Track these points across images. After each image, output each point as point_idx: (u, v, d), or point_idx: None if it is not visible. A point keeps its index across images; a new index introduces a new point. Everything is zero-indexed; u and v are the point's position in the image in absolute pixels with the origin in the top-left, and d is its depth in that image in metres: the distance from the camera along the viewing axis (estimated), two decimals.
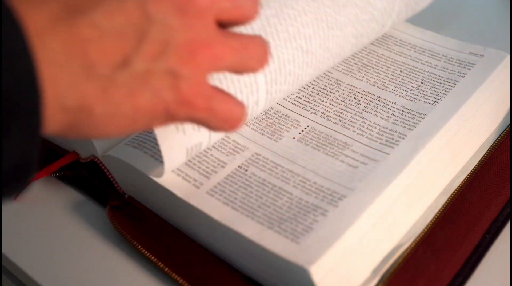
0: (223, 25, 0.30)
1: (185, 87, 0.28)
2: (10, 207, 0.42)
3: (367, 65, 0.48)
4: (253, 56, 0.30)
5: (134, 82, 0.26)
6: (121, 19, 0.26)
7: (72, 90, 0.25)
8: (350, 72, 0.47)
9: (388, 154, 0.39)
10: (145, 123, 0.28)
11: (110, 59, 0.25)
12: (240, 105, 0.31)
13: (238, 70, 0.31)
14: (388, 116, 0.43)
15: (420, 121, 0.42)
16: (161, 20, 0.27)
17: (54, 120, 0.25)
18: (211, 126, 0.30)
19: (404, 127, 0.41)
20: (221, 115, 0.30)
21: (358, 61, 0.48)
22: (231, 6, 0.29)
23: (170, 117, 0.29)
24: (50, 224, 0.41)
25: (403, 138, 0.40)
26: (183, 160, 0.38)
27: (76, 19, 0.25)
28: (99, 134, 0.28)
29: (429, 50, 0.49)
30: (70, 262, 0.39)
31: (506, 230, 0.39)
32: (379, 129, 0.41)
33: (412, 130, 0.41)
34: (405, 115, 0.42)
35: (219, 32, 0.29)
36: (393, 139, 0.40)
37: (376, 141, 0.40)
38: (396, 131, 0.41)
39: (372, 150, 0.40)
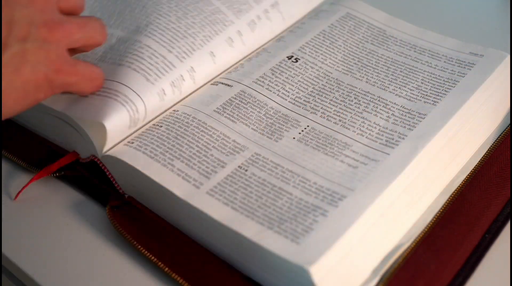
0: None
1: (54, 57, 0.36)
2: (10, 207, 0.42)
3: (367, 65, 0.48)
4: (96, 30, 0.39)
5: (16, 60, 0.34)
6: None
7: None
8: (350, 72, 0.47)
9: (388, 154, 0.39)
10: (35, 94, 0.36)
11: None
12: (98, 67, 0.41)
13: (87, 43, 0.39)
14: (388, 116, 0.43)
15: (420, 121, 0.42)
16: (20, 8, 0.35)
17: None
18: (81, 87, 0.40)
19: (404, 127, 0.41)
20: (86, 76, 0.39)
21: (358, 61, 0.48)
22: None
23: (52, 86, 0.37)
24: (50, 224, 0.41)
25: (403, 138, 0.40)
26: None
27: None
28: (6, 111, 0.35)
29: (429, 50, 0.49)
30: (70, 262, 0.39)
31: (506, 230, 0.39)
32: (379, 129, 0.41)
33: (412, 130, 0.41)
34: (405, 115, 0.42)
35: (64, 16, 0.38)
36: (393, 139, 0.40)
37: (376, 141, 0.40)
38: (396, 131, 0.41)
39: (372, 150, 0.40)
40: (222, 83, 0.46)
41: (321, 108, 0.44)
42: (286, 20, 0.53)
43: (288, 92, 0.45)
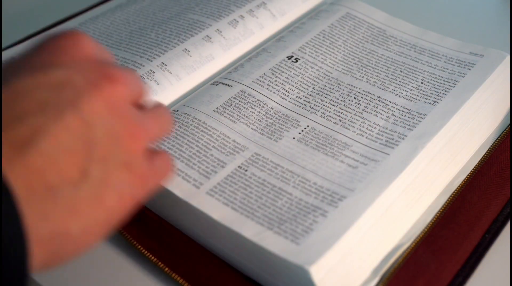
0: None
1: (142, 170, 0.29)
2: None
3: (367, 65, 0.48)
4: (167, 123, 0.33)
5: (98, 188, 0.26)
6: (65, 136, 0.25)
7: (43, 221, 0.25)
8: (350, 72, 0.47)
9: (388, 154, 0.39)
10: (120, 217, 0.28)
11: (68, 176, 0.25)
12: (168, 155, 0.33)
13: (161, 137, 0.32)
14: (388, 116, 0.43)
15: (420, 121, 0.42)
16: (99, 121, 0.27)
17: (35, 257, 0.25)
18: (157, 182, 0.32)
19: (404, 127, 0.41)
20: (163, 172, 0.32)
21: (358, 61, 0.48)
22: (140, 88, 0.31)
23: (138, 200, 0.29)
24: None
25: (403, 138, 0.40)
26: None
27: (24, 154, 0.24)
28: (84, 248, 0.27)
29: (429, 50, 0.49)
30: (69, 262, 0.39)
31: (506, 230, 0.39)
32: (379, 129, 0.41)
33: (412, 130, 0.41)
34: (405, 115, 0.42)
35: (140, 113, 0.30)
36: (393, 139, 0.40)
37: (376, 142, 0.40)
38: (396, 131, 0.41)
39: (372, 151, 0.40)
40: (222, 83, 0.46)
41: (321, 108, 0.44)
42: (277, 17, 0.54)
43: (288, 92, 0.45)
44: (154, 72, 0.46)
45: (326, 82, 0.46)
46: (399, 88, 0.45)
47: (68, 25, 0.55)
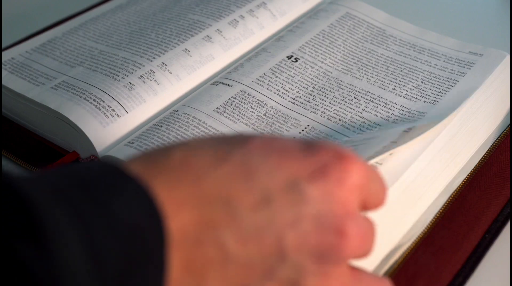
0: None
1: None
2: None
3: (367, 65, 0.48)
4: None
5: None
6: (253, 249, 0.23)
7: None
8: (350, 71, 0.47)
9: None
10: None
11: None
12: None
13: None
14: (388, 116, 0.43)
15: (420, 120, 0.42)
16: (295, 261, 0.23)
17: None
18: None
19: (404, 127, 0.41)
20: None
21: (358, 61, 0.48)
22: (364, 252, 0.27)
23: None
24: None
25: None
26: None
27: (206, 234, 0.22)
28: None
29: (429, 50, 0.49)
30: None
31: (506, 230, 0.39)
32: (379, 129, 0.41)
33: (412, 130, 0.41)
34: (405, 115, 0.42)
35: (352, 279, 0.26)
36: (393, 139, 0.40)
37: None
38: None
39: None
40: (222, 83, 0.46)
41: (321, 107, 0.44)
42: (277, 17, 0.54)
43: (288, 91, 0.45)
44: (154, 72, 0.46)
45: (326, 81, 0.46)
46: (399, 87, 0.45)
47: (69, 25, 0.55)
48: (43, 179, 0.21)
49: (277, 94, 0.45)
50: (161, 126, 0.42)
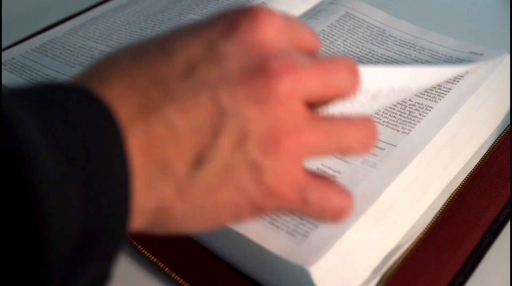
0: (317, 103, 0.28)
1: (270, 179, 0.26)
2: None
3: (367, 65, 0.48)
4: (354, 140, 0.28)
5: (213, 178, 0.25)
6: (195, 115, 0.24)
7: (150, 193, 0.24)
8: None
9: (388, 154, 0.39)
10: (231, 218, 0.27)
11: (185, 157, 0.24)
12: (344, 194, 0.28)
13: (340, 153, 0.28)
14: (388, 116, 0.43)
15: (420, 121, 0.42)
16: (236, 112, 0.25)
17: (133, 223, 0.25)
18: (308, 216, 0.28)
19: (404, 127, 0.41)
20: (316, 207, 0.27)
21: (358, 61, 0.48)
22: (321, 87, 0.27)
23: (258, 210, 0.27)
24: None
25: (403, 138, 0.40)
26: None
27: (150, 117, 0.24)
28: (181, 231, 0.27)
29: (429, 50, 0.49)
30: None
31: (506, 230, 0.39)
32: (379, 128, 0.41)
33: (412, 130, 0.41)
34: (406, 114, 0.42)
35: (307, 117, 0.26)
36: (393, 139, 0.40)
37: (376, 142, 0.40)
38: (397, 131, 0.41)
39: (372, 151, 0.40)
40: None
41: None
42: None
43: None
44: None
45: None
46: None
47: (69, 25, 0.55)
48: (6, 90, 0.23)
49: None
50: None
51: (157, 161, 0.24)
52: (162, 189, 0.24)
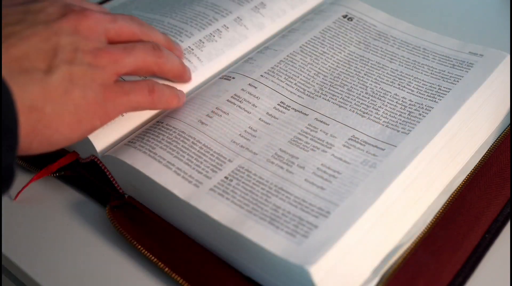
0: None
1: (100, 82, 0.36)
2: (10, 207, 0.42)
3: (367, 65, 0.48)
4: (147, 52, 0.40)
5: (65, 81, 0.34)
6: (36, 39, 0.34)
7: (23, 93, 0.32)
8: (350, 71, 0.47)
9: (388, 154, 0.39)
10: (90, 121, 0.36)
11: (38, 66, 0.33)
12: (151, 80, 0.40)
13: (139, 67, 0.39)
14: (388, 116, 0.43)
15: (420, 121, 0.42)
16: (65, 35, 0.35)
17: (20, 124, 0.32)
18: (145, 106, 0.40)
19: (404, 127, 0.41)
20: (139, 95, 0.39)
21: (359, 61, 0.48)
22: (115, 27, 0.39)
23: (106, 111, 0.37)
24: (50, 224, 0.41)
25: (403, 138, 0.40)
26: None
27: (4, 44, 0.33)
28: (56, 134, 0.34)
29: (429, 50, 0.49)
30: (70, 262, 0.39)
31: (506, 230, 0.39)
32: (379, 129, 0.41)
33: (412, 130, 0.41)
34: (406, 114, 0.42)
35: (107, 42, 0.38)
36: (393, 139, 0.40)
37: (376, 142, 0.40)
38: (397, 131, 0.41)
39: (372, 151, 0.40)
40: (225, 78, 0.46)
41: (322, 107, 0.44)
42: (277, 17, 0.54)
43: (289, 91, 0.45)
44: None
45: (327, 81, 0.46)
46: (399, 88, 0.45)
47: None
48: None
49: (279, 93, 0.45)
50: (161, 124, 0.42)
51: (19, 70, 0.32)
52: (31, 90, 0.32)
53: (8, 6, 0.37)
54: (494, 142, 0.44)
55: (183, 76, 0.45)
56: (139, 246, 0.38)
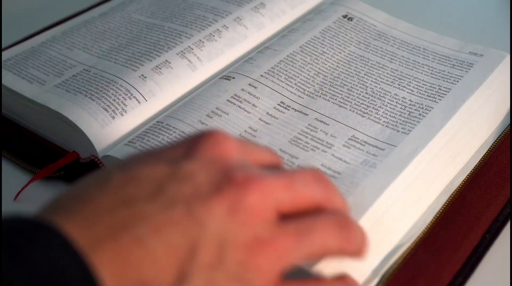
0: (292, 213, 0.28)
1: (256, 283, 0.25)
2: (10, 207, 0.42)
3: (367, 65, 0.48)
4: (327, 234, 0.28)
5: None
6: (170, 231, 0.24)
7: None
8: (350, 72, 0.47)
9: (388, 154, 0.39)
10: None
11: (166, 276, 0.24)
12: None
13: (320, 254, 0.29)
14: (387, 115, 0.43)
15: (420, 121, 0.42)
16: (213, 223, 0.25)
17: None
18: None
19: (404, 127, 0.41)
20: None
21: (359, 61, 0.48)
22: (290, 196, 0.27)
23: None
24: None
25: (403, 138, 0.40)
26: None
27: (121, 238, 0.23)
28: None
29: (429, 50, 0.49)
30: None
31: (506, 230, 0.39)
32: (380, 129, 0.41)
33: (412, 130, 0.41)
34: (406, 113, 0.42)
35: (280, 224, 0.27)
36: (393, 139, 0.40)
37: (376, 142, 0.40)
38: (397, 132, 0.41)
39: (372, 151, 0.40)
40: (225, 78, 0.46)
41: (322, 107, 0.44)
42: (276, 17, 0.54)
43: (289, 91, 0.45)
44: (155, 72, 0.46)
45: (327, 81, 0.46)
46: (399, 88, 0.45)
47: (68, 25, 0.55)
48: None
49: (280, 93, 0.45)
50: (161, 124, 0.42)
51: (136, 283, 0.23)
52: None
53: (147, 160, 0.27)
54: (494, 142, 0.44)
55: (363, 253, 0.31)
56: None
